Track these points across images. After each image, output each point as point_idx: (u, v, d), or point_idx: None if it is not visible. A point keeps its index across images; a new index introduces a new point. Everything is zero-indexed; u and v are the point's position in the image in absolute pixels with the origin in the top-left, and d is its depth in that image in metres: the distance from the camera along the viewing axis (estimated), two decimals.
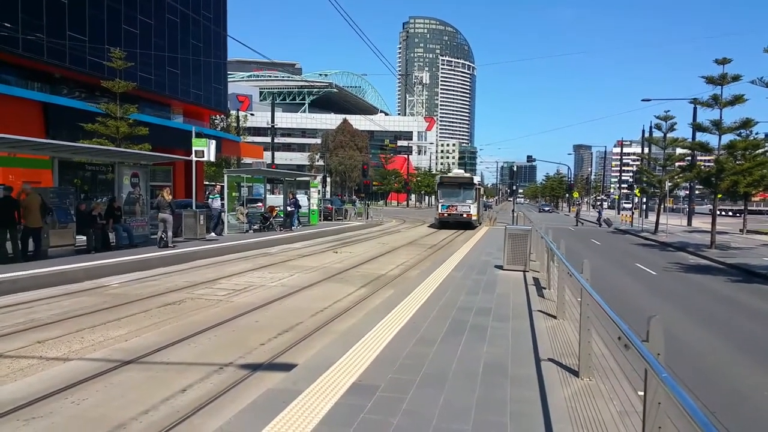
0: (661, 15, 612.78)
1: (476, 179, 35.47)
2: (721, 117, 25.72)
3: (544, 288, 11.41)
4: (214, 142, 22.82)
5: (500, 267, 14.06)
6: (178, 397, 5.64)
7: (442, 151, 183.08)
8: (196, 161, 21.86)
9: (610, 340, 6.02)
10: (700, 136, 29.28)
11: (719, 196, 28.00)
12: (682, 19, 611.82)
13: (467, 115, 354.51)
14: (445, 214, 33.42)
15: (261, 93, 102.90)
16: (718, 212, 28.33)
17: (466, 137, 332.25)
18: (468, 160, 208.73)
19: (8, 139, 13.10)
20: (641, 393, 3.97)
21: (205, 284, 12.33)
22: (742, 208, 40.85)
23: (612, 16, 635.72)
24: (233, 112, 61.36)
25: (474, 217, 33.50)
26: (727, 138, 25.67)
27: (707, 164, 32.82)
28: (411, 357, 6.26)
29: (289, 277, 13.76)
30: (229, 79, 52.12)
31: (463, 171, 43.63)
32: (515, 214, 41.19)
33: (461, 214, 33.16)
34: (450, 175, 40.21)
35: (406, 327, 7.68)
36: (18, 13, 26.25)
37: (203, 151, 21.53)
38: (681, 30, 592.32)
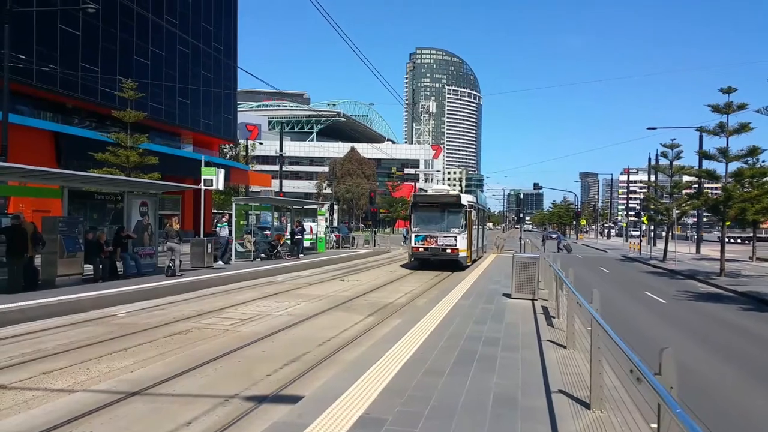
0: (668, 44, 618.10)
1: (467, 199, 25.48)
2: (727, 145, 25.73)
3: (554, 317, 11.29)
4: (222, 170, 23.02)
5: (508, 295, 13.95)
6: (183, 430, 5.57)
7: (448, 179, 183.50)
8: (205, 190, 22.00)
9: (621, 371, 5.92)
10: (707, 164, 29.30)
11: (727, 223, 27.83)
12: (689, 48, 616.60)
13: (474, 143, 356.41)
14: (420, 248, 23.97)
15: (270, 122, 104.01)
16: (726, 240, 28.15)
17: (473, 165, 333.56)
18: (475, 187, 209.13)
19: (19, 168, 13.25)
20: (654, 425, 3.89)
21: (212, 313, 12.28)
22: (751, 235, 40.56)
23: (619, 46, 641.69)
24: (242, 141, 61.97)
25: (462, 253, 23.79)
26: (734, 166, 25.66)
27: (714, 192, 32.70)
28: (419, 388, 6.18)
29: (296, 305, 13.70)
30: (238, 109, 52.80)
31: (448, 188, 30.45)
32: (523, 242, 41.09)
33: (443, 249, 23.63)
34: (429, 192, 29.06)
35: (414, 357, 7.60)
36: (33, 45, 26.81)
37: (212, 179, 21.70)
38: (688, 58, 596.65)
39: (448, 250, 23.65)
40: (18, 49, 24.03)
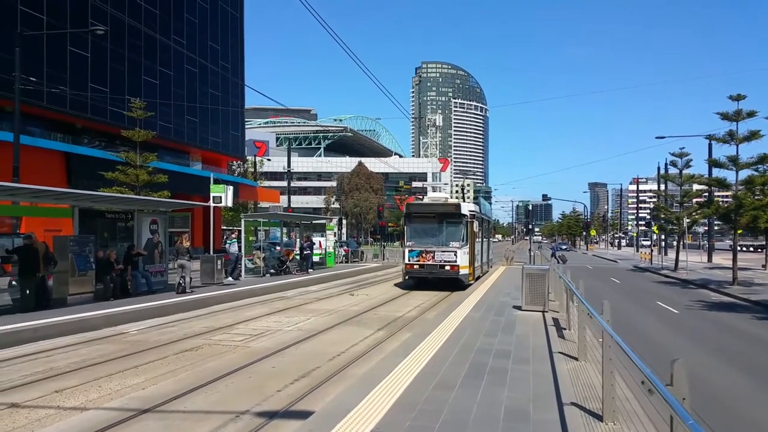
0: (675, 53, 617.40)
1: (468, 208, 22.36)
2: (737, 153, 25.61)
3: (564, 329, 11.23)
4: (231, 187, 23.19)
5: (518, 307, 13.88)
6: None
7: (456, 192, 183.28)
8: (214, 207, 22.13)
9: (633, 383, 5.88)
10: (717, 172, 29.14)
11: (739, 231, 27.61)
12: (696, 56, 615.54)
13: (481, 155, 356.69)
14: (415, 266, 21.05)
15: (277, 138, 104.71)
16: (738, 248, 27.90)
17: (481, 177, 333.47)
18: (483, 199, 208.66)
19: (30, 189, 13.42)
20: None
21: (222, 330, 12.31)
22: (764, 243, 40.20)
23: (625, 56, 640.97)
24: (250, 158, 62.32)
25: (464, 270, 20.82)
26: (744, 173, 25.51)
27: (725, 200, 32.49)
28: (430, 402, 6.15)
29: (306, 321, 13.70)
30: (246, 126, 53.17)
31: (447, 196, 25.32)
32: (532, 254, 40.92)
33: (441, 266, 20.71)
34: (425, 201, 25.25)
35: (425, 371, 7.57)
36: (43, 67, 27.20)
37: (221, 196, 21.86)
38: (695, 67, 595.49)
39: (447, 267, 20.76)
40: (29, 72, 24.38)
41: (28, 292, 13.18)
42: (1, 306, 12.76)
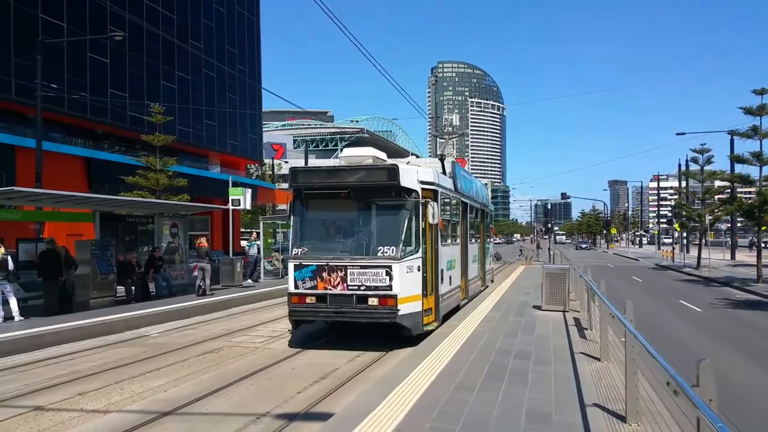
0: (696, 48, 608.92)
1: (416, 176, 10.32)
2: (761, 148, 25.15)
3: (586, 329, 11.10)
4: (249, 190, 23.31)
5: (538, 307, 13.75)
6: None
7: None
8: (233, 209, 22.27)
9: (658, 383, 5.78)
10: (740, 168, 28.66)
11: (763, 228, 27.11)
12: (718, 51, 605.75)
13: (498, 154, 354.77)
14: (309, 298, 10.18)
15: (295, 141, 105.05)
16: (762, 245, 27.38)
17: (498, 177, 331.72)
18: (501, 199, 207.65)
19: (52, 194, 13.63)
20: None
21: (242, 331, 12.37)
22: None
23: (645, 52, 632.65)
24: (268, 161, 62.61)
25: (409, 306, 9.97)
26: None
27: (748, 196, 31.93)
28: (450, 404, 6.11)
29: None
30: (264, 129, 53.38)
31: (375, 152, 11.25)
32: (552, 253, 40.60)
33: (360, 297, 9.88)
34: (336, 164, 12.02)
35: (444, 372, 7.52)
36: (64, 74, 27.60)
37: (240, 199, 21.99)
38: (717, 62, 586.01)
39: (373, 301, 9.95)
40: (50, 79, 24.70)
41: (50, 296, 13.38)
42: (24, 310, 12.95)
